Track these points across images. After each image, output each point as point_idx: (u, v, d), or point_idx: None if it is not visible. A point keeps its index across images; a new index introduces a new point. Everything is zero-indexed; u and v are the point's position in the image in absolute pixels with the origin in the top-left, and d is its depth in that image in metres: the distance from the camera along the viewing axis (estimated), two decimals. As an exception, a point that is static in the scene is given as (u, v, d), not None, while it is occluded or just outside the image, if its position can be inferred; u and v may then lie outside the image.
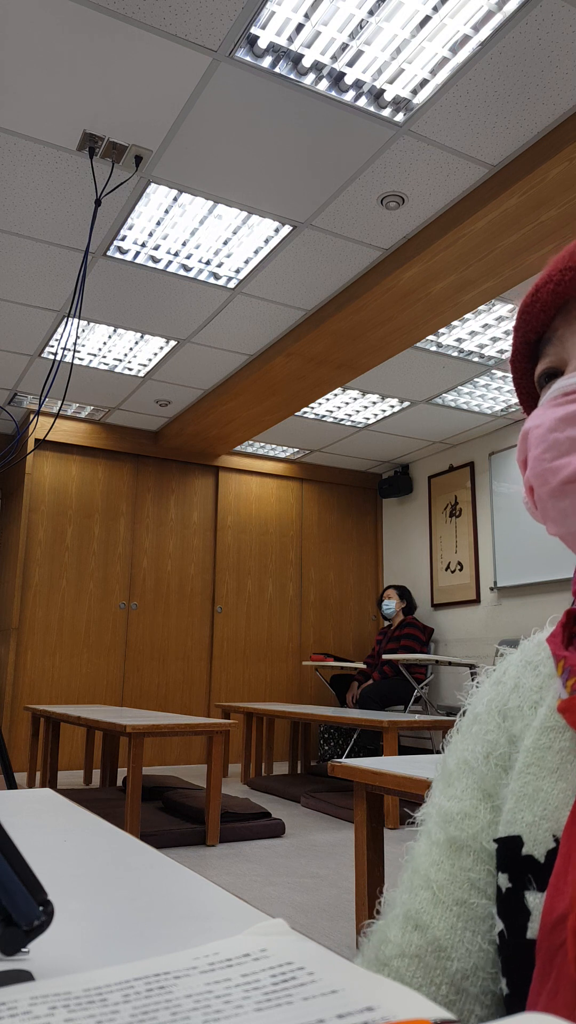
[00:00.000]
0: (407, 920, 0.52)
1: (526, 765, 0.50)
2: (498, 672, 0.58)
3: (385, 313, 3.86)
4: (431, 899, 0.51)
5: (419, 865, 0.54)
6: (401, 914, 0.52)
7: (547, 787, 0.48)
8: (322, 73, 2.51)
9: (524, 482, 0.55)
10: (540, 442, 0.52)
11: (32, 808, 0.90)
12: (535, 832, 0.47)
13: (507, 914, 0.47)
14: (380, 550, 7.29)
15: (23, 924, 0.40)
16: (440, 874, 0.52)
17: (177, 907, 0.54)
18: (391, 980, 0.29)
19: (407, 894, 0.53)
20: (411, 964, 0.50)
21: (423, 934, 0.50)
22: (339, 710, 4.77)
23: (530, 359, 0.60)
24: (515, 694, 0.55)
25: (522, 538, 5.60)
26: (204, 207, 3.26)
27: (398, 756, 2.17)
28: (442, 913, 0.50)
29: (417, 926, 0.51)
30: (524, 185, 2.84)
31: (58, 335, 4.47)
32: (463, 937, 0.49)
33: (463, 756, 0.55)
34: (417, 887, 0.53)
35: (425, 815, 0.57)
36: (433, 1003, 0.26)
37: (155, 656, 6.07)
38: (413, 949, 0.50)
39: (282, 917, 0.73)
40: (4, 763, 2.83)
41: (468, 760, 0.55)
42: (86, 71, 2.51)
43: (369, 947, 0.53)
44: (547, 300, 0.55)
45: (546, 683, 0.53)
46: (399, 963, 0.50)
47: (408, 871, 0.55)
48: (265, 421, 5.54)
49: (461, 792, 0.54)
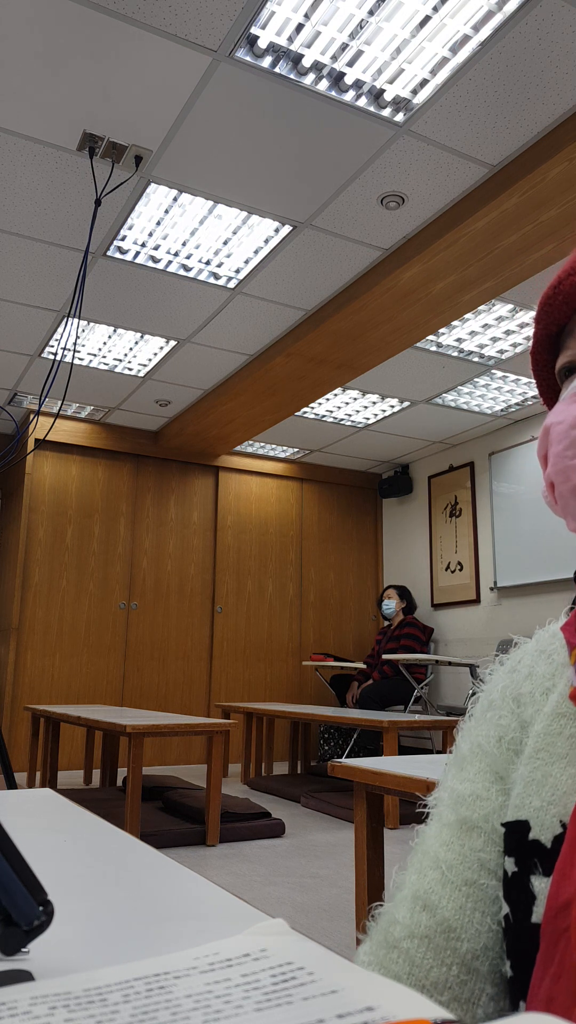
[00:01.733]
0: (415, 900, 0.52)
1: (536, 751, 0.50)
2: (513, 660, 0.59)
3: (385, 313, 3.86)
4: (440, 879, 0.51)
5: (429, 846, 0.54)
6: (409, 895, 0.52)
7: (556, 773, 0.48)
8: (322, 73, 2.51)
9: (544, 478, 0.55)
10: (562, 438, 0.52)
11: (32, 808, 0.90)
12: (542, 817, 0.47)
13: (513, 898, 0.47)
14: (380, 550, 7.29)
15: (23, 924, 0.40)
16: (449, 854, 0.52)
17: (177, 907, 0.54)
18: (391, 980, 0.29)
19: (415, 875, 0.53)
20: (420, 945, 0.50)
21: (432, 914, 0.50)
22: (339, 710, 4.77)
23: (551, 351, 0.60)
24: (528, 681, 0.55)
25: (522, 538, 5.60)
26: (204, 207, 3.26)
27: (398, 756, 2.17)
28: (451, 893, 0.50)
29: (426, 906, 0.51)
30: (524, 185, 2.84)
31: (58, 335, 4.47)
32: (472, 918, 0.49)
33: (476, 740, 0.56)
34: (426, 868, 0.53)
35: (437, 799, 0.57)
36: (433, 1003, 0.26)
37: (155, 656, 6.07)
38: (422, 930, 0.50)
39: (282, 917, 0.73)
40: (4, 763, 2.83)
41: (481, 744, 0.55)
42: (86, 71, 2.51)
43: (377, 929, 0.53)
44: (569, 292, 0.55)
45: (559, 671, 0.54)
46: (408, 944, 0.50)
47: (417, 853, 0.55)
48: (265, 421, 5.54)
49: (474, 775, 0.54)
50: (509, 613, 5.76)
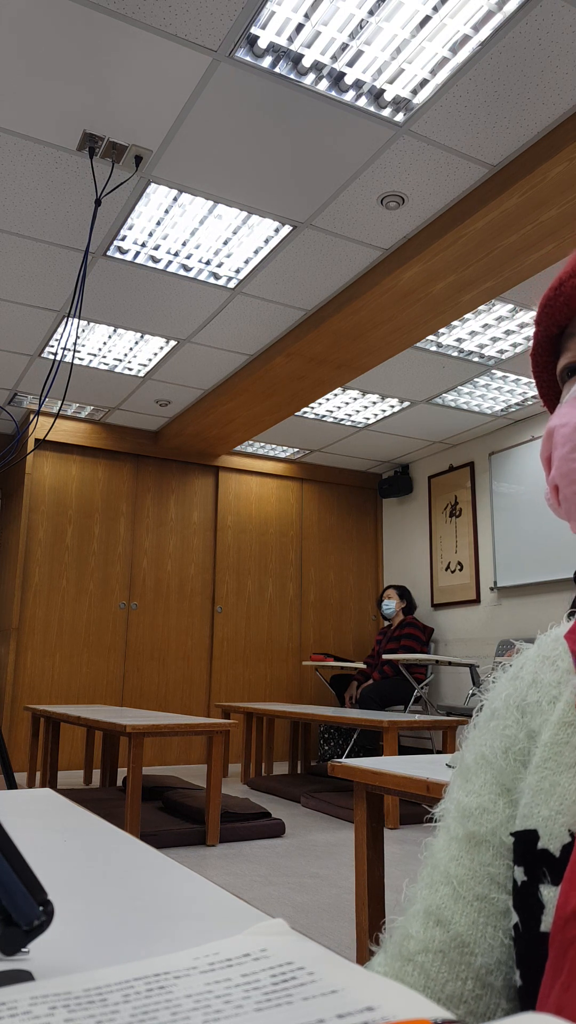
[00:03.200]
0: (428, 916, 0.52)
1: (543, 760, 0.50)
2: (515, 667, 0.58)
3: (385, 313, 3.86)
4: (451, 895, 0.51)
5: (439, 860, 0.54)
6: (422, 910, 0.52)
7: (564, 782, 0.48)
8: (322, 73, 2.51)
9: (548, 481, 0.55)
10: (566, 441, 0.52)
11: (32, 808, 0.90)
12: (551, 826, 0.47)
13: (522, 907, 0.48)
14: (380, 550, 7.29)
15: (23, 924, 0.40)
16: (460, 869, 0.52)
17: (177, 907, 0.54)
18: (391, 980, 0.29)
19: (427, 890, 0.53)
20: (435, 959, 0.50)
21: (445, 930, 0.50)
22: (339, 710, 4.77)
23: (552, 353, 0.60)
24: (533, 689, 0.55)
25: (522, 538, 5.60)
26: (204, 207, 3.26)
27: (398, 756, 2.17)
28: (463, 908, 0.51)
29: (439, 922, 0.51)
30: (524, 185, 2.84)
31: (58, 335, 4.47)
32: (484, 932, 0.50)
33: (481, 751, 0.56)
34: (437, 883, 0.53)
35: (443, 810, 0.57)
36: (433, 1003, 0.26)
37: (155, 656, 6.07)
38: (436, 945, 0.50)
39: (282, 917, 0.73)
40: (4, 763, 2.83)
41: (486, 755, 0.55)
42: (86, 71, 2.51)
43: (392, 943, 0.54)
44: (570, 294, 0.55)
45: (564, 678, 0.53)
46: (423, 958, 0.50)
47: (427, 867, 0.55)
48: (265, 421, 5.54)
49: (479, 787, 0.54)
50: (509, 613, 5.76)
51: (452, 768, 0.59)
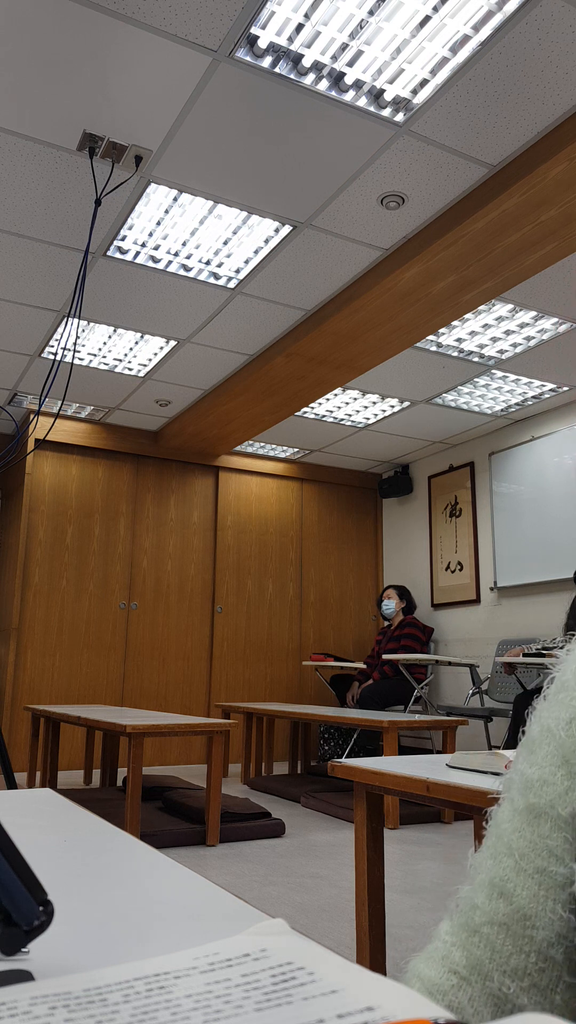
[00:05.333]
0: (492, 887, 0.53)
1: None
2: None
3: (385, 313, 3.86)
4: (514, 867, 0.52)
5: (502, 831, 0.55)
6: (487, 881, 0.53)
7: None
8: (322, 73, 2.51)
9: None
10: None
11: (32, 808, 0.90)
12: None
13: None
14: (380, 550, 7.29)
15: (23, 924, 0.40)
16: (521, 842, 0.53)
17: (177, 907, 0.54)
18: (392, 980, 0.29)
19: (491, 860, 0.54)
20: (500, 932, 0.51)
21: (508, 902, 0.51)
22: (339, 710, 4.77)
23: None
24: None
25: (522, 538, 5.60)
26: (204, 207, 3.26)
27: (398, 756, 2.17)
28: (524, 881, 0.51)
29: (502, 894, 0.52)
30: (524, 185, 2.84)
31: (58, 335, 4.47)
32: (545, 906, 0.50)
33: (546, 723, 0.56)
34: (501, 854, 0.54)
35: (508, 781, 0.57)
36: (433, 1003, 0.26)
37: (155, 656, 6.07)
38: (500, 917, 0.51)
39: (282, 917, 0.73)
40: (4, 763, 2.83)
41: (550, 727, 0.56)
42: (86, 71, 2.51)
43: (459, 913, 0.54)
44: None
45: None
46: (489, 930, 0.51)
47: (492, 836, 0.55)
48: (265, 421, 5.54)
49: (542, 758, 0.55)
50: (509, 613, 5.76)
51: (453, 768, 0.59)
